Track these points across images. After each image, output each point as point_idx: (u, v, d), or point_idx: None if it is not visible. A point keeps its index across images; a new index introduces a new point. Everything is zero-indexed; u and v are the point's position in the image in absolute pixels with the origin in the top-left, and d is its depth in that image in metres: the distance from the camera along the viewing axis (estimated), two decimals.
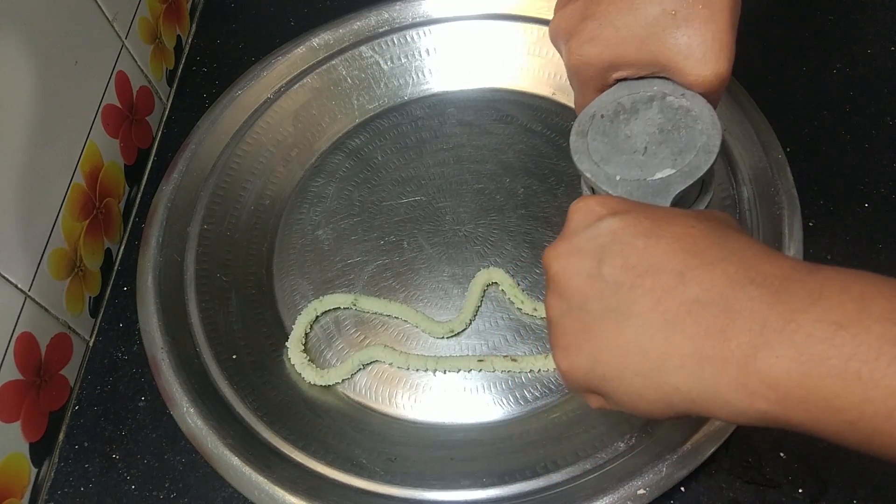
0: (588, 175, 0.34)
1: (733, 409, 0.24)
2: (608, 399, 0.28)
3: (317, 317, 0.47)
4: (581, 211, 0.29)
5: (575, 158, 0.34)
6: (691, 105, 0.33)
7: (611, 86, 0.36)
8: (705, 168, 0.32)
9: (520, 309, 0.46)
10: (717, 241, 0.26)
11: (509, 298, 0.46)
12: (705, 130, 0.32)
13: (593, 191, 0.35)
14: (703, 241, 0.26)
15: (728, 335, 0.24)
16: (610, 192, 0.33)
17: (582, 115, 0.35)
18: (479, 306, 0.46)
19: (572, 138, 0.35)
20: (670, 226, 0.27)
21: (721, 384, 0.24)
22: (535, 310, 0.45)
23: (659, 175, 0.32)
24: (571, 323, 0.28)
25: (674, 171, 0.32)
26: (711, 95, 0.34)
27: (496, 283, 0.47)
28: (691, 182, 0.32)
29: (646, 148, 0.33)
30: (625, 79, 0.35)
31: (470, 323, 0.46)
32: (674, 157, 0.32)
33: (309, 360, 0.45)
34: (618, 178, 0.33)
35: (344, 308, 0.47)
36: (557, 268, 0.29)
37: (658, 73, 0.34)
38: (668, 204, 0.32)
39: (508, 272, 0.47)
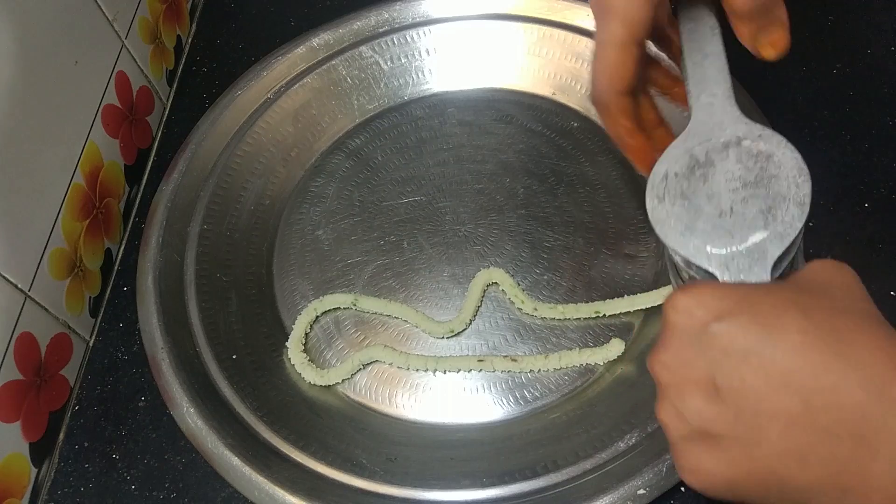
0: (678, 251, 0.31)
1: None
2: None
3: (317, 317, 0.47)
4: (681, 314, 0.26)
5: (658, 230, 0.31)
6: (770, 149, 0.30)
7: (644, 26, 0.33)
8: (800, 224, 0.29)
9: (520, 309, 0.46)
10: (843, 338, 0.23)
11: (510, 298, 0.46)
12: (791, 178, 0.29)
13: (676, 263, 0.32)
14: (825, 343, 0.23)
15: (868, 470, 0.22)
16: (703, 266, 0.30)
17: (653, 177, 0.32)
18: (479, 306, 0.46)
19: (650, 204, 0.31)
20: (784, 330, 0.24)
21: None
22: (536, 310, 0.45)
23: (752, 240, 0.29)
24: (696, 447, 0.25)
25: (767, 232, 0.29)
26: None
27: (496, 283, 0.47)
28: (788, 243, 0.29)
29: (731, 208, 0.30)
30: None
31: (470, 323, 0.46)
32: (763, 215, 0.29)
33: (309, 360, 0.45)
34: (709, 249, 0.30)
35: (344, 308, 0.47)
36: (668, 380, 0.26)
37: None
38: (767, 274, 0.29)
39: (508, 272, 0.47)
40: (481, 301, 0.46)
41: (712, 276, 0.29)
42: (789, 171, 0.30)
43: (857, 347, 0.23)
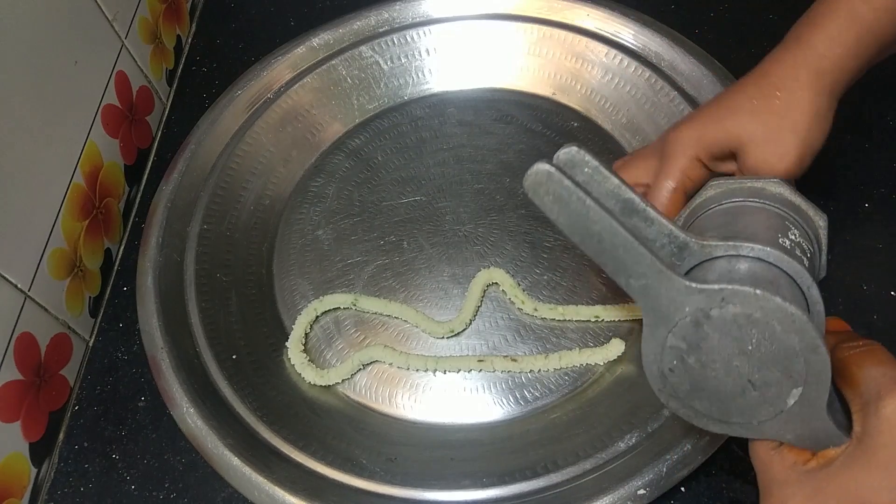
0: (728, 434, 0.30)
1: None
2: None
3: (317, 317, 0.47)
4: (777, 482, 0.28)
5: (696, 424, 0.30)
6: (745, 310, 0.27)
7: (699, 178, 0.37)
8: (826, 369, 0.26)
9: (520, 309, 0.46)
10: None
11: (510, 298, 0.46)
12: (787, 326, 0.26)
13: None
14: None
15: None
16: (757, 437, 0.29)
17: (651, 377, 0.30)
18: (479, 306, 0.46)
19: (671, 406, 0.30)
20: None
21: None
22: (536, 310, 0.45)
23: (791, 400, 0.27)
24: None
25: (801, 388, 0.27)
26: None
27: (496, 283, 0.47)
28: (829, 382, 0.27)
29: (751, 382, 0.28)
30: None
31: (470, 323, 0.46)
32: (787, 375, 0.27)
33: (309, 360, 0.45)
34: (755, 423, 0.28)
35: (344, 308, 0.47)
36: None
37: (734, 149, 0.36)
38: (829, 425, 0.28)
39: (508, 272, 0.47)
40: (481, 301, 0.46)
41: None
42: (780, 322, 0.26)
43: None
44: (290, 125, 0.54)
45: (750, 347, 0.27)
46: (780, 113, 0.36)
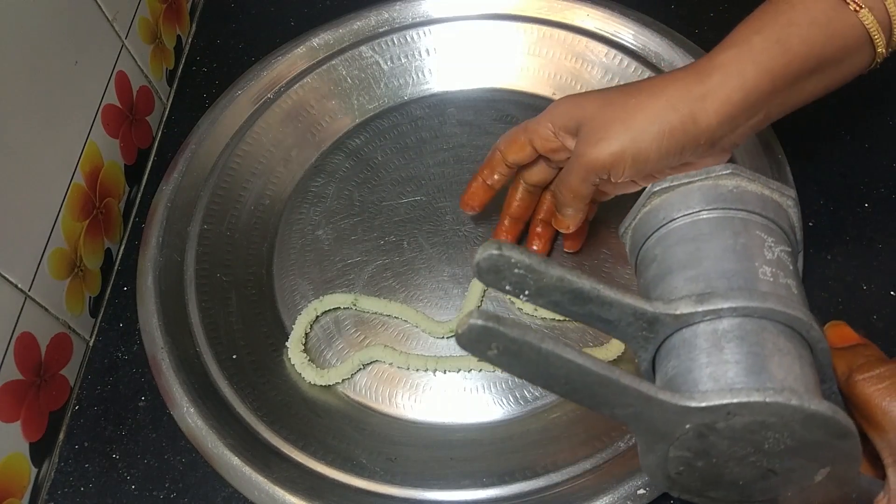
0: None
1: None
2: None
3: (317, 317, 0.47)
4: None
5: None
6: (755, 417, 0.23)
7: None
8: (857, 449, 0.24)
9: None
10: None
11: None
12: (808, 423, 0.23)
13: None
14: None
15: None
16: None
17: (656, 481, 0.27)
18: (479, 306, 0.46)
19: (684, 497, 0.28)
20: None
21: None
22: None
23: (819, 478, 0.25)
24: None
25: (827, 469, 0.25)
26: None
27: None
28: (858, 463, 0.25)
29: (772, 472, 0.25)
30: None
31: None
32: (811, 461, 0.25)
33: (309, 360, 0.45)
34: (782, 499, 0.26)
35: (344, 308, 0.47)
36: None
37: (577, 123, 0.38)
38: (860, 481, 0.26)
39: None
40: (481, 301, 0.46)
41: None
42: (801, 422, 0.23)
43: None
44: (290, 125, 0.54)
45: (766, 446, 0.24)
46: (628, 108, 0.37)
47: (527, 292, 0.24)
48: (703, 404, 0.23)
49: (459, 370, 0.44)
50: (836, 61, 0.36)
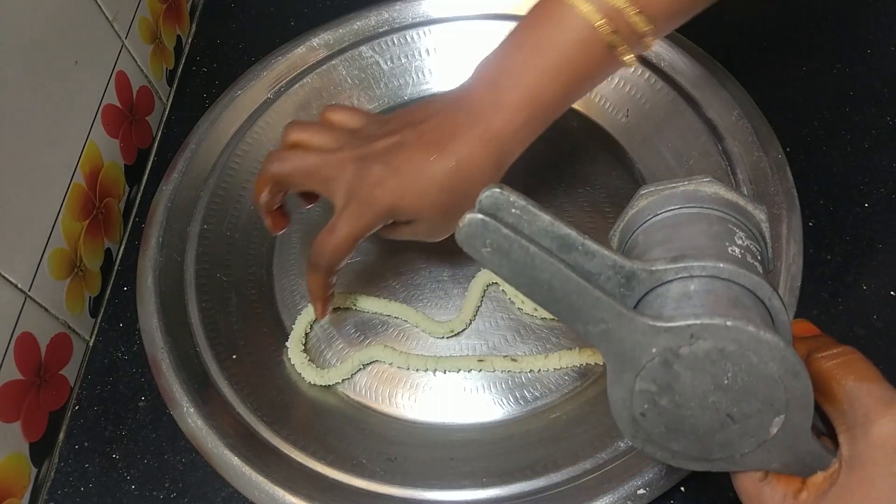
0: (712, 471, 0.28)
1: None
2: None
3: (315, 318, 0.47)
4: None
5: (675, 464, 0.29)
6: (717, 343, 0.25)
7: None
8: (808, 384, 0.25)
9: (520, 309, 0.46)
10: None
11: (510, 298, 0.46)
12: (763, 355, 0.25)
13: None
14: None
15: None
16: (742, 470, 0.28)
17: (622, 423, 0.28)
18: (479, 306, 0.46)
19: (646, 450, 0.29)
20: None
21: None
22: (536, 310, 0.45)
23: (774, 429, 0.26)
24: None
25: (783, 415, 0.26)
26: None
27: (496, 283, 0.47)
28: (811, 411, 0.26)
29: (729, 416, 0.26)
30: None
31: (470, 323, 0.46)
32: (768, 403, 0.26)
33: (309, 360, 0.45)
34: (737, 457, 0.27)
35: (343, 308, 0.47)
36: None
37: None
38: (817, 447, 0.27)
39: None
40: (481, 301, 0.46)
41: None
42: (756, 352, 0.25)
43: None
44: None
45: (726, 381, 0.25)
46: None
47: (525, 235, 0.26)
48: (669, 324, 0.25)
49: (459, 370, 0.44)
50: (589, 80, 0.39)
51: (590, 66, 0.37)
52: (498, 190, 0.27)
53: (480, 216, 0.25)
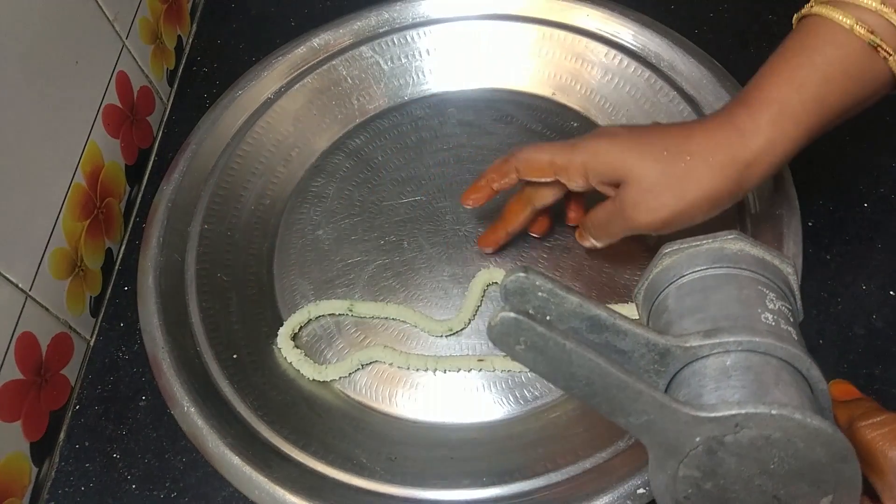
0: None
1: None
2: None
3: (309, 320, 0.47)
4: None
5: None
6: (762, 432, 0.24)
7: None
8: (857, 476, 0.25)
9: None
10: None
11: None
12: (810, 440, 0.24)
13: None
14: None
15: None
16: None
17: None
18: (478, 306, 0.46)
19: None
20: None
21: None
22: None
23: None
24: None
25: (830, 497, 0.25)
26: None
27: (496, 283, 0.47)
28: (859, 492, 0.25)
29: (777, 499, 0.26)
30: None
31: (469, 322, 0.46)
32: (816, 485, 0.25)
33: (305, 356, 0.45)
34: None
35: (339, 314, 0.47)
36: None
37: (620, 181, 0.38)
38: None
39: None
40: (481, 301, 0.46)
41: None
42: (803, 438, 0.24)
43: None
44: (290, 125, 0.54)
45: (772, 466, 0.25)
46: (678, 175, 0.36)
47: (548, 317, 0.26)
48: (713, 414, 0.24)
49: (459, 370, 0.44)
50: (864, 103, 0.37)
51: (857, 77, 0.35)
52: (523, 274, 0.27)
53: (513, 315, 0.24)
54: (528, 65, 0.56)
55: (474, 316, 0.46)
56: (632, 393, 0.25)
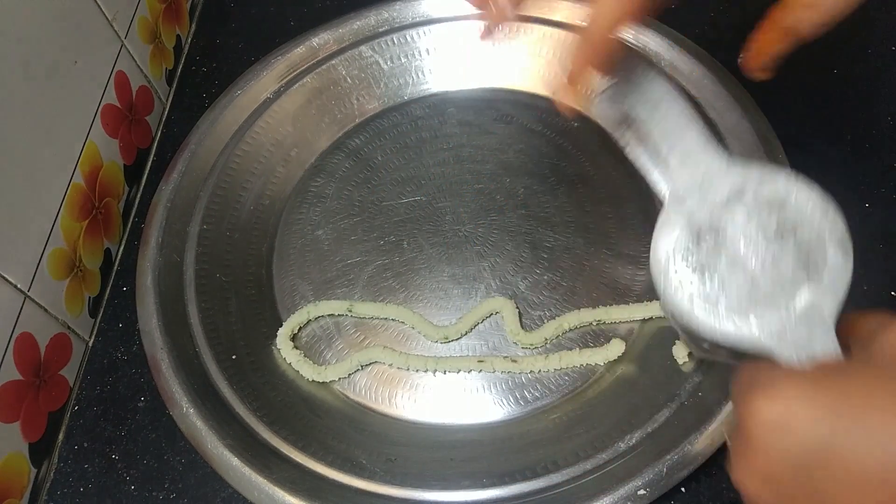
0: (716, 338, 0.26)
1: None
2: None
3: (308, 321, 0.47)
4: (774, 433, 0.22)
5: (686, 319, 0.27)
6: (781, 192, 0.27)
7: None
8: (850, 266, 0.25)
9: (516, 343, 0.44)
10: None
11: (507, 330, 0.45)
12: (817, 218, 0.26)
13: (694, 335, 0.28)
14: None
15: None
16: (752, 349, 0.26)
17: (656, 262, 0.28)
18: (477, 324, 0.46)
19: (667, 293, 0.27)
20: (870, 435, 0.21)
21: None
22: (532, 345, 0.44)
23: (800, 301, 0.25)
24: None
25: (814, 286, 0.25)
26: None
27: (500, 312, 0.45)
28: (843, 294, 0.25)
29: (763, 269, 0.26)
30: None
31: (465, 335, 0.45)
32: (803, 268, 0.25)
33: (304, 356, 0.45)
34: (754, 327, 0.25)
35: (339, 315, 0.47)
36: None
37: None
38: (833, 340, 0.25)
39: (508, 273, 0.47)
40: (482, 321, 0.46)
41: (743, 354, 0.26)
42: (813, 211, 0.26)
43: None
44: (289, 125, 0.54)
45: (772, 233, 0.26)
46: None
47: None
48: (744, 168, 0.28)
49: (459, 370, 0.44)
50: None
51: None
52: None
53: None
54: (528, 65, 0.55)
55: (470, 330, 0.46)
56: (685, 120, 0.29)
